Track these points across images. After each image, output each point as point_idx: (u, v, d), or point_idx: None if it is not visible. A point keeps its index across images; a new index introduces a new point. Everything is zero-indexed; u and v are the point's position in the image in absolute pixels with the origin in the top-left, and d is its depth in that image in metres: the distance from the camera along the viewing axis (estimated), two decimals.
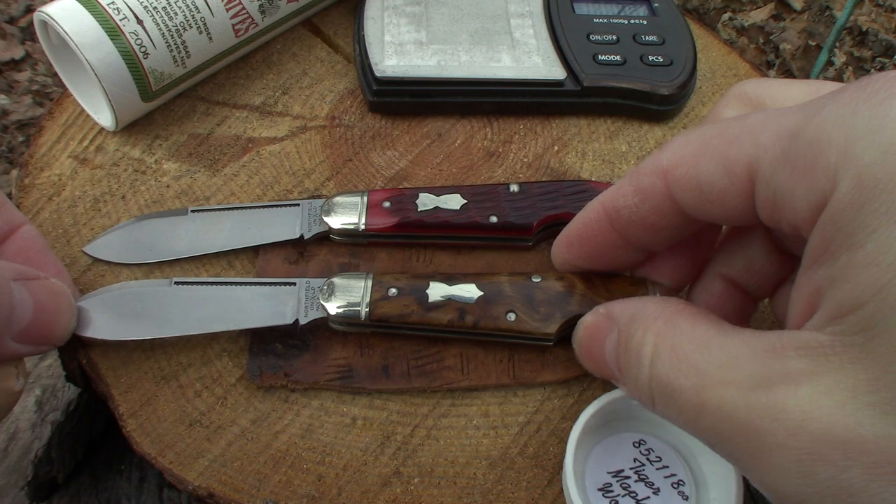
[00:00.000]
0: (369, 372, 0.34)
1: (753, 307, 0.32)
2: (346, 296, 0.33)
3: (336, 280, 0.34)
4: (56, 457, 0.41)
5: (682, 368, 0.23)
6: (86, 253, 0.37)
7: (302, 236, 0.37)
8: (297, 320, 0.33)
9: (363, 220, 0.37)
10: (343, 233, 0.37)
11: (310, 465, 0.32)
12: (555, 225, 0.38)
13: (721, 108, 0.30)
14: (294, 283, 0.34)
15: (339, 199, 0.38)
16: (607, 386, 0.35)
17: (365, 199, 0.37)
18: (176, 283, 0.35)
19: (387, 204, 0.37)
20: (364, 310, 0.33)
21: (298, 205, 0.38)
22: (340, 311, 0.33)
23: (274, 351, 0.34)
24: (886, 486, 0.19)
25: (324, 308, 0.33)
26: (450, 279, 0.34)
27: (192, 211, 0.38)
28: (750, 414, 0.21)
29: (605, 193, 0.30)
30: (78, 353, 0.35)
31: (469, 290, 0.33)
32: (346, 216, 0.37)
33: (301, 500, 0.31)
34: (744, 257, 0.31)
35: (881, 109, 0.20)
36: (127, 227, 0.38)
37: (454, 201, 0.37)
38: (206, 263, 0.38)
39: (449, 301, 0.33)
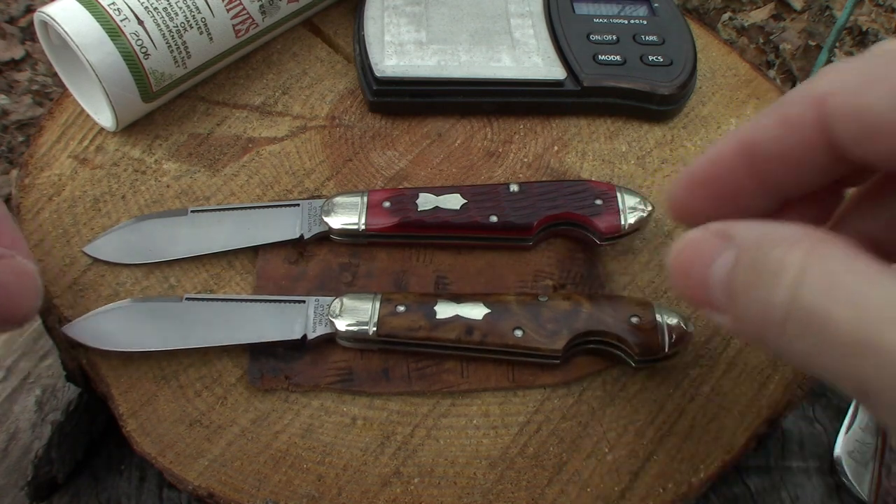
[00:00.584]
0: (369, 375, 0.34)
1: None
2: (355, 314, 0.34)
3: (345, 299, 0.34)
4: (56, 457, 0.41)
5: (838, 297, 0.21)
6: (85, 253, 0.37)
7: (302, 236, 0.37)
8: (305, 336, 0.34)
9: (363, 220, 0.37)
10: (343, 233, 0.37)
11: (310, 465, 0.32)
12: (555, 225, 0.38)
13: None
14: (303, 301, 0.35)
15: (339, 199, 0.38)
16: (606, 386, 0.35)
17: (365, 199, 0.38)
18: (187, 298, 0.35)
19: (387, 204, 0.37)
20: (372, 328, 0.33)
21: (298, 205, 0.38)
22: (349, 328, 0.33)
23: (274, 353, 0.34)
24: None
25: (332, 325, 0.34)
26: (457, 298, 0.34)
27: (192, 211, 0.38)
28: None
29: (742, 127, 0.27)
30: (78, 353, 0.35)
31: (476, 308, 0.34)
32: (346, 216, 0.37)
33: (301, 500, 0.31)
34: (889, 213, 0.27)
35: None
36: (127, 227, 0.38)
37: (454, 201, 0.37)
38: (206, 263, 0.38)
39: (456, 318, 0.33)
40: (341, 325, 0.33)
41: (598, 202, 0.37)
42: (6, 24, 1.30)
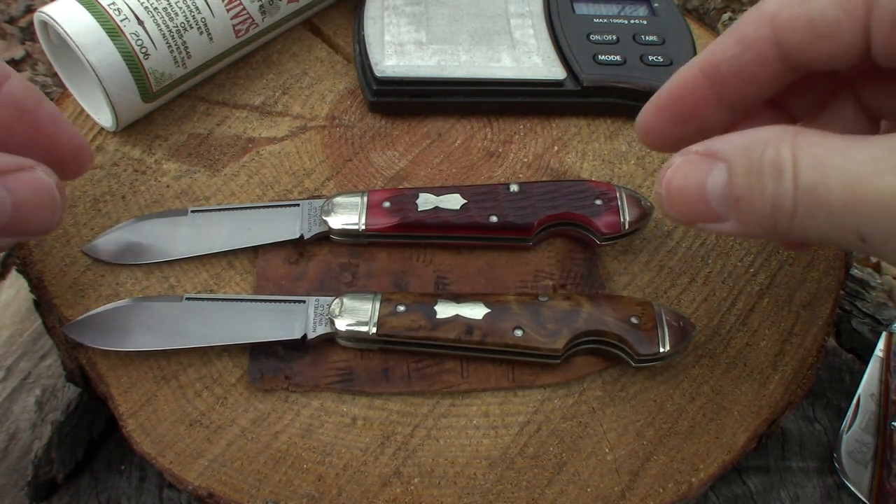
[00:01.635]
0: (369, 375, 0.34)
1: None
2: (355, 314, 0.34)
3: (345, 299, 0.34)
4: (56, 457, 0.41)
5: (828, 172, 0.24)
6: (85, 253, 0.37)
7: (302, 236, 0.37)
8: (305, 335, 0.34)
9: (363, 221, 0.37)
10: (343, 233, 0.37)
11: (310, 465, 0.32)
12: (555, 225, 0.38)
13: None
14: (303, 301, 0.35)
15: (339, 199, 0.38)
16: (606, 386, 0.35)
17: (365, 199, 0.38)
18: (187, 298, 0.35)
19: (387, 204, 0.37)
20: (372, 328, 0.33)
21: (298, 205, 0.38)
22: (349, 327, 0.33)
23: (274, 353, 0.34)
24: None
25: (332, 325, 0.34)
26: (457, 298, 0.34)
27: (193, 211, 0.38)
28: None
29: (699, 55, 0.31)
30: (78, 353, 0.35)
31: (476, 308, 0.34)
32: (346, 216, 0.37)
33: (301, 500, 0.31)
34: (835, 120, 0.32)
35: None
36: (126, 227, 0.38)
37: (454, 201, 0.37)
38: (206, 263, 0.38)
39: (456, 318, 0.33)
40: (341, 325, 0.33)
41: (598, 202, 0.37)
42: (6, 24, 1.30)
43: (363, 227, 0.37)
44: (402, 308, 0.34)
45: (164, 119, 0.43)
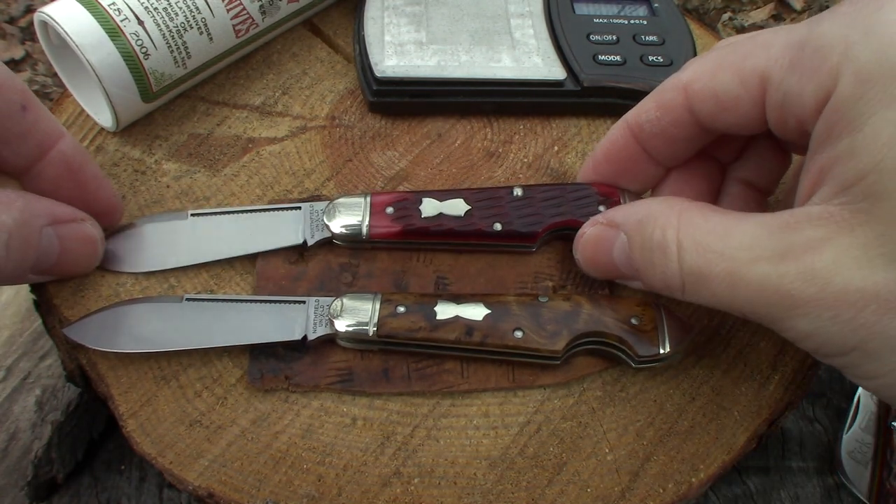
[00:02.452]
0: (369, 375, 0.34)
1: (765, 200, 0.37)
2: (355, 314, 0.34)
3: (345, 300, 0.34)
4: (56, 457, 0.41)
5: (708, 257, 0.27)
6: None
7: (305, 242, 0.37)
8: (305, 336, 0.34)
9: (366, 226, 0.37)
10: (346, 238, 0.37)
11: (310, 465, 0.32)
12: (558, 231, 0.38)
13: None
14: (303, 301, 0.35)
15: (341, 200, 0.37)
16: (606, 386, 0.35)
17: (368, 202, 0.37)
18: (187, 299, 0.35)
19: (390, 210, 0.37)
20: (372, 328, 0.33)
21: (300, 208, 0.38)
22: (349, 328, 0.33)
23: (275, 354, 0.34)
24: (891, 321, 0.24)
25: (332, 325, 0.34)
26: (457, 299, 0.34)
27: (192, 214, 0.38)
28: (782, 281, 0.26)
29: (629, 112, 0.34)
30: (78, 353, 0.35)
31: (476, 309, 0.33)
32: (348, 220, 0.37)
33: (301, 500, 0.31)
34: (756, 160, 0.36)
35: (873, 18, 0.25)
36: (126, 234, 0.38)
37: (458, 207, 0.37)
38: (205, 263, 0.38)
39: (456, 318, 0.33)
40: (341, 325, 0.33)
41: (602, 208, 0.37)
42: (6, 24, 1.30)
43: (366, 233, 0.37)
44: (402, 309, 0.34)
45: (164, 119, 0.43)
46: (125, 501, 0.41)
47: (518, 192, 0.38)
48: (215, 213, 0.38)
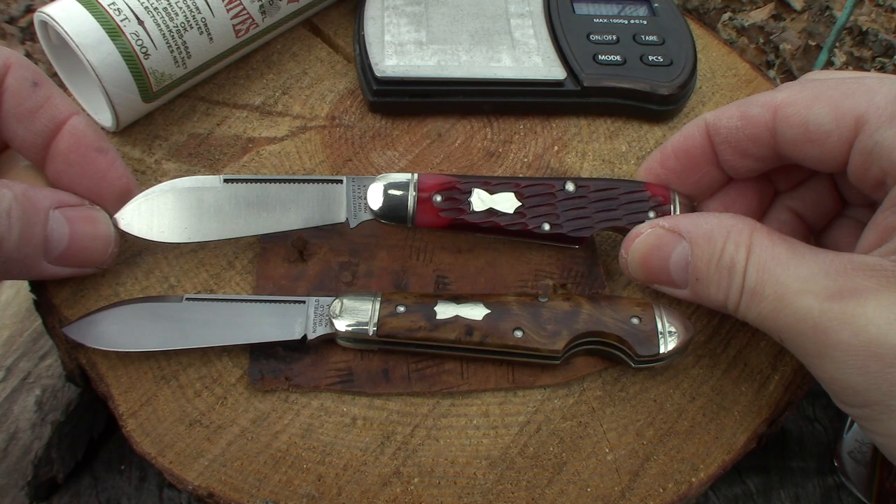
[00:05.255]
0: (370, 376, 0.34)
1: (809, 235, 0.37)
2: (355, 314, 0.34)
3: (345, 299, 0.34)
4: (56, 457, 0.41)
5: (766, 279, 0.29)
6: (116, 225, 0.36)
7: (347, 221, 0.36)
8: (305, 336, 0.34)
9: (412, 208, 0.36)
10: (389, 217, 0.36)
11: (310, 464, 0.32)
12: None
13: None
14: (303, 301, 0.35)
15: (389, 176, 0.36)
16: (606, 386, 0.35)
17: (415, 182, 0.36)
18: (187, 298, 0.35)
19: (438, 199, 0.36)
20: (372, 328, 0.33)
21: (342, 181, 0.37)
22: (349, 328, 0.33)
23: (275, 354, 0.34)
24: None
25: (332, 325, 0.34)
26: (457, 298, 0.34)
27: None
28: (822, 318, 0.27)
29: (710, 113, 0.35)
30: (78, 353, 0.35)
31: (476, 309, 0.33)
32: (392, 201, 0.36)
33: (301, 500, 0.31)
34: (811, 195, 0.36)
35: None
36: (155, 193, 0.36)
37: (508, 202, 0.36)
38: (205, 263, 0.38)
39: (456, 318, 0.33)
40: (341, 325, 0.33)
41: (651, 214, 0.36)
42: (6, 24, 1.30)
43: (411, 217, 0.36)
44: (402, 309, 0.34)
45: (164, 119, 0.43)
46: (125, 501, 0.41)
47: (570, 187, 0.37)
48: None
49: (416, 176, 0.36)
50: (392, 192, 0.36)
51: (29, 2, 1.35)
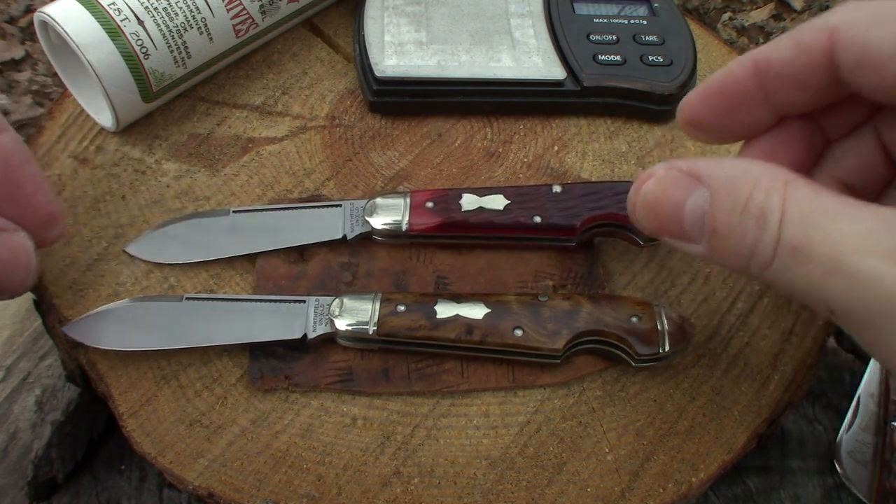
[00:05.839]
0: (369, 375, 0.34)
1: None
2: (355, 314, 0.34)
3: (345, 299, 0.34)
4: (56, 457, 0.41)
5: (813, 236, 0.24)
6: (126, 252, 0.37)
7: (345, 237, 0.37)
8: (305, 335, 0.34)
9: (406, 221, 0.37)
10: (386, 233, 0.37)
11: (310, 465, 0.32)
12: (598, 226, 0.38)
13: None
14: (303, 301, 0.35)
15: (380, 200, 0.38)
16: (606, 386, 0.35)
17: (408, 200, 0.38)
18: (187, 298, 0.35)
19: (430, 204, 0.37)
20: (372, 327, 0.33)
21: (340, 205, 0.38)
22: (349, 327, 0.33)
23: (274, 353, 0.34)
24: None
25: (333, 324, 0.34)
26: (457, 298, 0.34)
27: (234, 211, 0.38)
28: (893, 282, 0.22)
29: (757, 49, 0.31)
30: (78, 353, 0.35)
31: (476, 308, 0.34)
32: (388, 217, 0.37)
33: (301, 500, 0.31)
34: (857, 160, 0.32)
35: None
36: (168, 228, 0.38)
37: (497, 202, 0.37)
38: (205, 263, 0.38)
39: (456, 317, 0.33)
40: (341, 324, 0.33)
41: None
42: (6, 24, 1.30)
43: (406, 227, 0.37)
44: (402, 308, 0.34)
45: (164, 119, 0.43)
46: (125, 501, 0.41)
47: (557, 188, 0.38)
48: (255, 211, 0.39)
49: (409, 194, 0.38)
50: (386, 202, 0.38)
51: (29, 2, 1.35)
